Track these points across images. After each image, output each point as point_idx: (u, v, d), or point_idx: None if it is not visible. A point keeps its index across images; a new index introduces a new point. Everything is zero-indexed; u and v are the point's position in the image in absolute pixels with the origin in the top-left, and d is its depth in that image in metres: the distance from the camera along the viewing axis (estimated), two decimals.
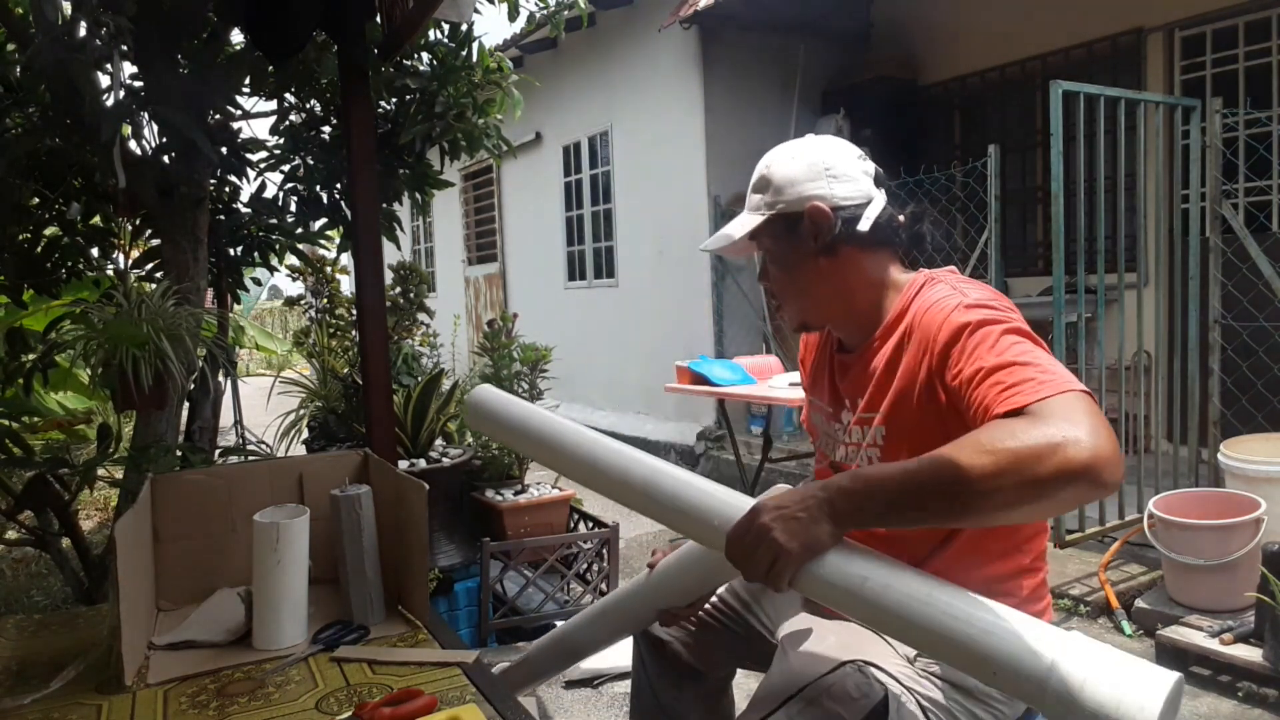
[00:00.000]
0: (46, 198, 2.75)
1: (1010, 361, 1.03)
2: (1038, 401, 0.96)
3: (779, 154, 1.34)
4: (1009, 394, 1.00)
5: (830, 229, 1.26)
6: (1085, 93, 3.34)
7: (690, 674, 1.50)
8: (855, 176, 1.29)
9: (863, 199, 1.28)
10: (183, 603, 1.47)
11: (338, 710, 1.10)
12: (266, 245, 3.16)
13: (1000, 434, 0.93)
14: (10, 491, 2.58)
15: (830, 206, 1.26)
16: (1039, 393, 0.97)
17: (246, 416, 3.42)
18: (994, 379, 1.03)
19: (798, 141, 1.35)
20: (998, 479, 0.89)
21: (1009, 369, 1.02)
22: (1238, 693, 2.46)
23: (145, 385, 1.98)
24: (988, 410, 1.01)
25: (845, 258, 1.27)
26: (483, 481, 3.09)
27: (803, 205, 1.27)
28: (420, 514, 1.38)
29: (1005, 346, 1.06)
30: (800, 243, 1.28)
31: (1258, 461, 2.95)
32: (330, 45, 2.68)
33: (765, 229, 1.31)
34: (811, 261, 1.28)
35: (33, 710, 1.14)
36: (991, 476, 0.89)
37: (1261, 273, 3.37)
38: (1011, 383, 1.00)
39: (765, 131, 5.88)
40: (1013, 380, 1.01)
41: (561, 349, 3.39)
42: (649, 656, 1.53)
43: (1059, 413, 0.93)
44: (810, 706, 1.11)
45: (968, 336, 1.10)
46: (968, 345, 1.09)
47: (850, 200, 1.27)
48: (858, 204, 1.27)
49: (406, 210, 3.47)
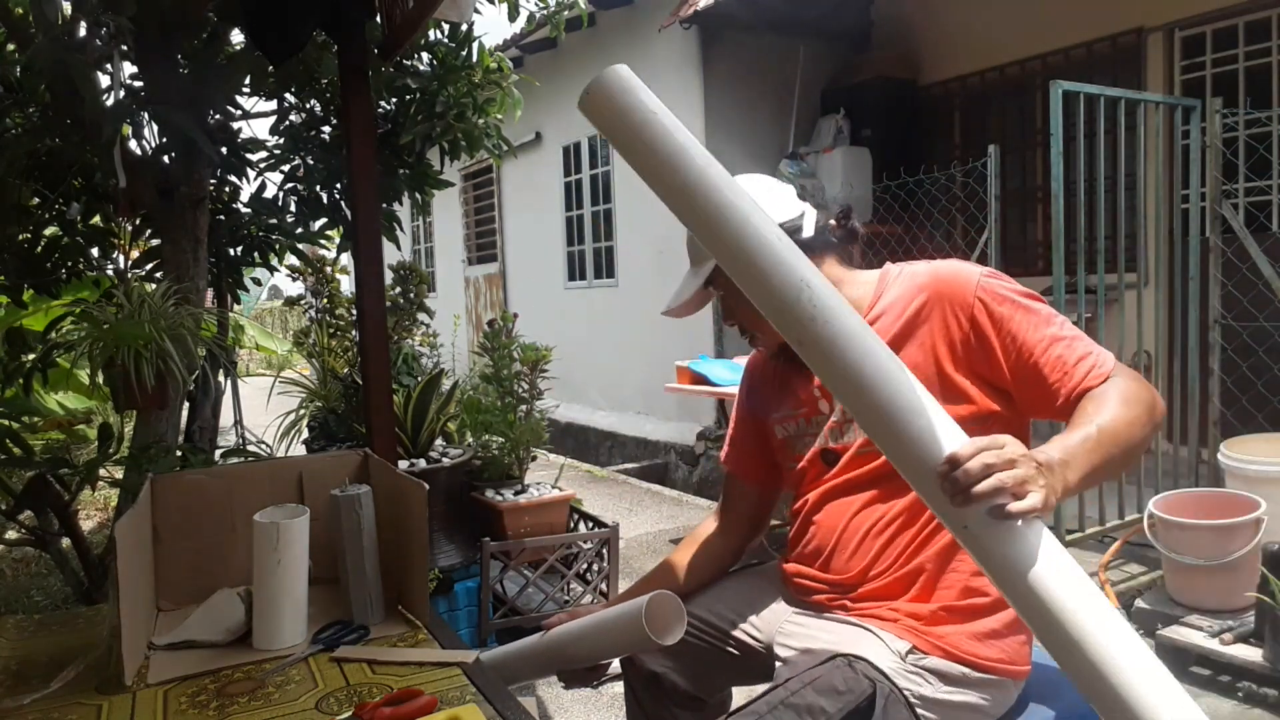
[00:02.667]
0: (46, 198, 2.75)
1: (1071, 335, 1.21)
2: (1113, 368, 1.18)
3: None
4: (1092, 363, 1.18)
5: None
6: (1085, 93, 3.34)
7: (689, 703, 1.46)
8: (783, 196, 1.36)
9: (797, 213, 1.35)
10: (183, 603, 1.47)
11: (338, 710, 1.10)
12: (266, 245, 3.16)
13: (1126, 393, 1.13)
14: (10, 491, 2.58)
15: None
16: (1110, 360, 1.19)
17: (246, 416, 3.42)
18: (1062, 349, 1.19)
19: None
20: (1144, 428, 1.11)
21: (1071, 340, 1.20)
22: (1238, 693, 2.46)
23: (147, 385, 1.98)
24: (1074, 374, 1.18)
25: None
26: (483, 481, 3.09)
27: None
28: (420, 514, 1.38)
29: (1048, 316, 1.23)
30: None
31: (1258, 461, 2.95)
32: (330, 45, 2.68)
33: (718, 271, 1.33)
34: None
35: (33, 710, 1.14)
36: (1142, 425, 1.11)
37: (1261, 273, 3.37)
38: (1086, 352, 1.19)
39: (765, 131, 5.88)
40: (1084, 350, 1.19)
41: (561, 349, 3.39)
42: (644, 692, 1.47)
43: (1136, 378, 1.18)
44: (793, 698, 1.11)
45: (1014, 305, 1.24)
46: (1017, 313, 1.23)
47: (789, 216, 1.34)
48: (795, 218, 1.34)
49: (406, 210, 3.47)
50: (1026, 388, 1.22)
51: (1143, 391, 1.14)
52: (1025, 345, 1.21)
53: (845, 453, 1.32)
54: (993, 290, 1.24)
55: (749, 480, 1.53)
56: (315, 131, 3.05)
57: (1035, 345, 1.20)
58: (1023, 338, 1.21)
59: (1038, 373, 1.20)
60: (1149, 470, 3.61)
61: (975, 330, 1.23)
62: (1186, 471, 3.67)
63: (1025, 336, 1.21)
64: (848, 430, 1.32)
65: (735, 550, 1.55)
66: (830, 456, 1.34)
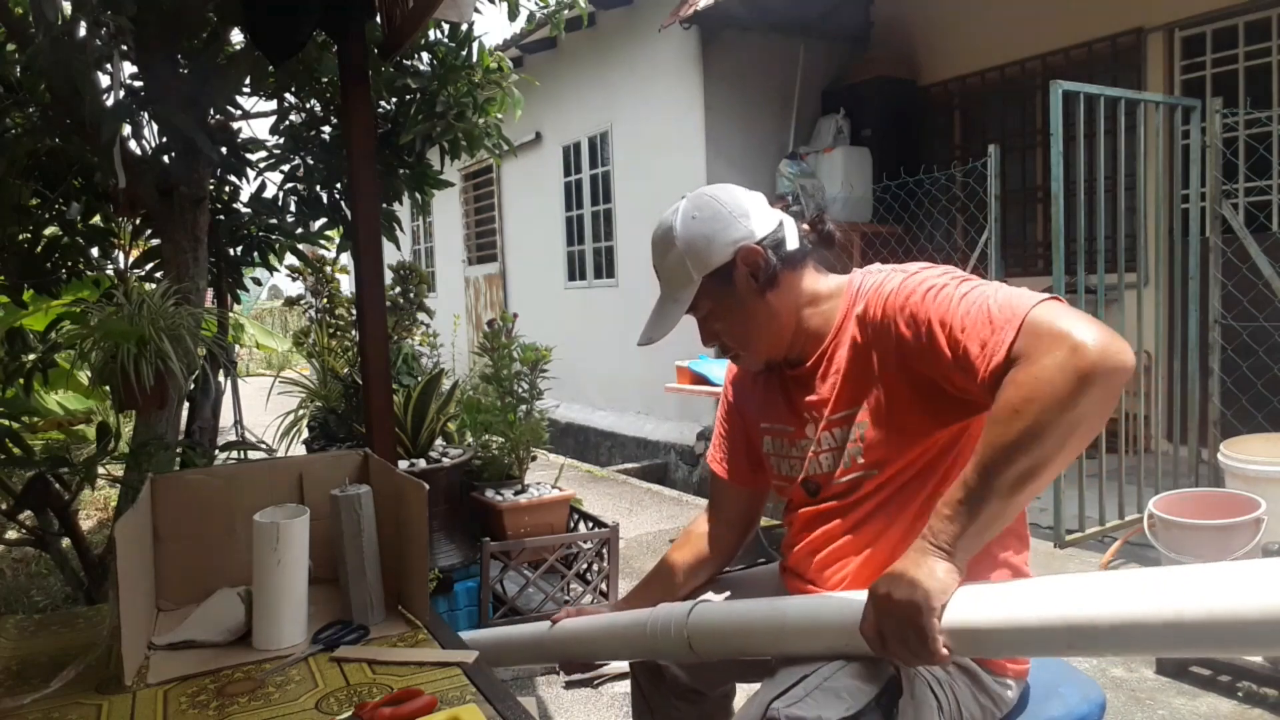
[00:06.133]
0: (46, 198, 2.75)
1: (964, 310, 1.07)
2: (1013, 342, 1.00)
3: (675, 224, 1.31)
4: (988, 351, 1.03)
5: (767, 263, 1.27)
6: (1085, 93, 3.34)
7: (691, 696, 1.48)
8: (758, 207, 1.31)
9: (776, 224, 1.30)
10: (183, 603, 1.47)
11: (338, 710, 1.10)
12: (266, 245, 3.15)
13: (1013, 395, 0.97)
14: (10, 491, 2.58)
15: (755, 243, 1.27)
16: (1007, 335, 1.01)
17: (246, 416, 3.41)
18: (955, 334, 1.06)
19: (680, 205, 1.33)
20: (1045, 428, 0.95)
21: (966, 319, 1.06)
22: (1238, 693, 2.46)
23: (147, 384, 1.98)
24: (974, 369, 1.04)
25: (786, 284, 1.29)
26: (483, 481, 3.09)
27: (731, 253, 1.27)
28: (420, 514, 1.38)
29: (947, 296, 1.10)
30: (740, 289, 1.28)
31: (1258, 461, 2.95)
32: (330, 45, 2.68)
33: (701, 294, 1.30)
34: (758, 301, 1.29)
35: (33, 710, 1.14)
36: (1038, 429, 0.95)
37: (1261, 273, 3.37)
38: (980, 337, 1.04)
39: (765, 131, 5.89)
40: (978, 332, 1.04)
41: (561, 349, 3.39)
42: (648, 684, 1.50)
43: (1038, 339, 0.98)
44: (828, 682, 1.10)
45: (908, 297, 1.13)
46: (912, 304, 1.13)
47: (769, 229, 1.29)
48: (775, 230, 1.30)
49: (406, 210, 3.47)
50: (959, 389, 1.11)
51: (1047, 370, 0.95)
52: (938, 348, 1.09)
53: (827, 484, 1.29)
54: (896, 308, 1.16)
55: (737, 483, 1.52)
56: (315, 131, 3.05)
57: (942, 345, 1.08)
58: (932, 343, 1.10)
59: (955, 372, 1.08)
60: (1149, 470, 3.61)
61: (900, 349, 1.16)
62: (1186, 471, 3.67)
63: (934, 341, 1.09)
64: (827, 461, 1.28)
65: (730, 548, 1.55)
66: (811, 486, 1.32)
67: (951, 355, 1.08)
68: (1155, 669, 2.63)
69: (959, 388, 1.10)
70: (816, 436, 1.30)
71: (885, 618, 1.02)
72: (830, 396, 1.27)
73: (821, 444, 1.29)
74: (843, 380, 1.25)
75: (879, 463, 1.22)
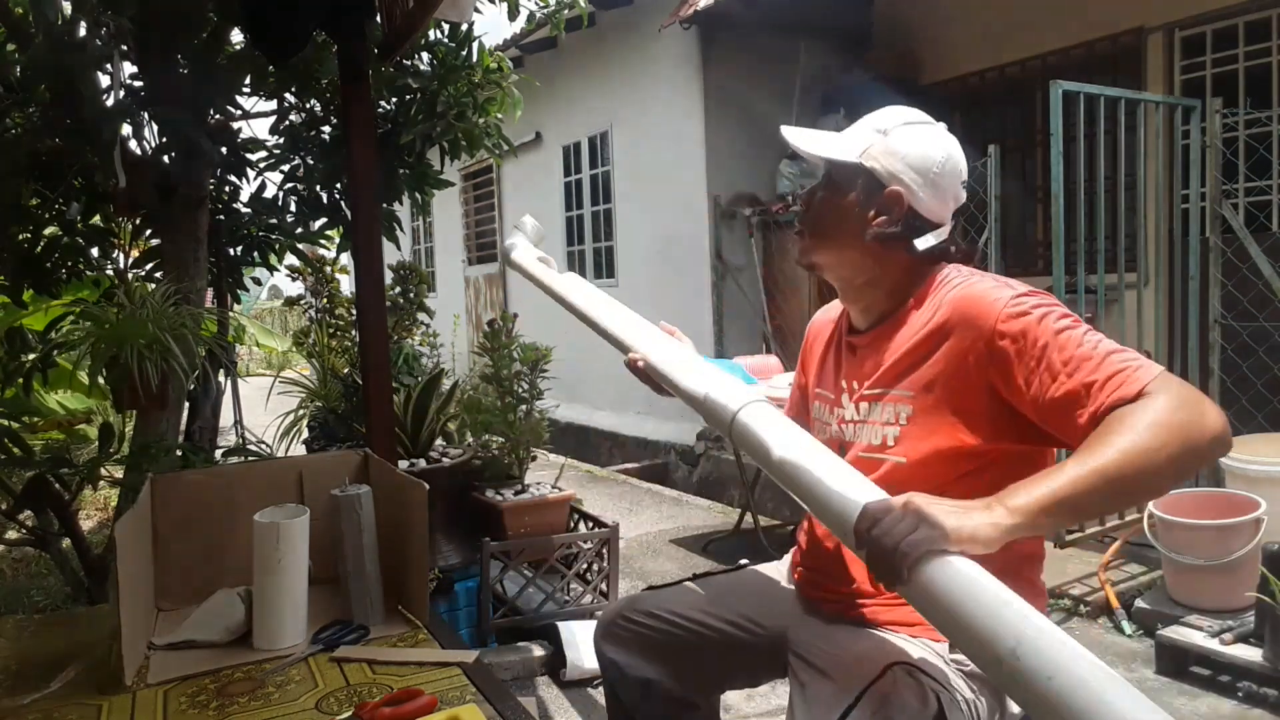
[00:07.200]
0: (46, 198, 2.75)
1: (1104, 352, 1.07)
2: (1151, 382, 1.01)
3: (916, 122, 1.30)
4: (1121, 379, 1.03)
5: (895, 221, 1.26)
6: (1085, 93, 3.34)
7: (684, 707, 1.43)
8: (946, 198, 1.29)
9: (937, 220, 1.28)
10: (183, 603, 1.47)
11: (338, 710, 1.10)
12: (266, 245, 3.16)
13: (1154, 416, 0.98)
14: (10, 491, 2.58)
15: (908, 205, 1.26)
16: (1147, 374, 1.02)
17: (246, 416, 3.41)
18: (1090, 371, 1.06)
19: (937, 127, 1.31)
20: (1169, 456, 0.97)
21: (1103, 360, 1.06)
22: (1238, 693, 2.46)
23: (151, 384, 1.99)
24: (1098, 395, 1.04)
25: (888, 249, 1.28)
26: (483, 481, 3.09)
27: (890, 182, 1.26)
28: (420, 514, 1.38)
29: (1080, 336, 1.09)
30: (864, 202, 1.28)
31: (1258, 461, 2.94)
32: (330, 45, 2.68)
33: (841, 167, 1.30)
34: (859, 225, 1.28)
35: (33, 710, 1.14)
36: (1167, 454, 0.97)
37: (1261, 273, 3.37)
38: (1117, 369, 1.04)
39: (765, 132, 5.88)
40: (1116, 367, 1.05)
41: (561, 349, 3.39)
42: (642, 704, 1.42)
43: (1176, 389, 1.01)
44: (875, 717, 1.06)
45: (1038, 336, 1.11)
46: (1041, 338, 1.10)
47: (928, 214, 1.27)
48: (930, 221, 1.28)
49: (406, 210, 3.47)
50: (1052, 417, 1.10)
51: (1179, 414, 0.98)
52: (1048, 375, 1.09)
53: (847, 453, 1.28)
54: (1015, 327, 1.13)
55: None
56: (315, 131, 3.05)
57: (1059, 373, 1.08)
58: (1045, 369, 1.09)
59: (1062, 401, 1.08)
60: None
61: (995, 363, 1.14)
62: None
63: (1049, 368, 1.09)
64: (849, 431, 1.31)
65: None
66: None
67: (1065, 386, 1.07)
68: (1155, 669, 2.63)
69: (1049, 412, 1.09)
70: (851, 405, 1.31)
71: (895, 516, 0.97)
72: (874, 371, 1.27)
73: (850, 414, 1.31)
74: (894, 362, 1.25)
75: (907, 451, 1.22)
